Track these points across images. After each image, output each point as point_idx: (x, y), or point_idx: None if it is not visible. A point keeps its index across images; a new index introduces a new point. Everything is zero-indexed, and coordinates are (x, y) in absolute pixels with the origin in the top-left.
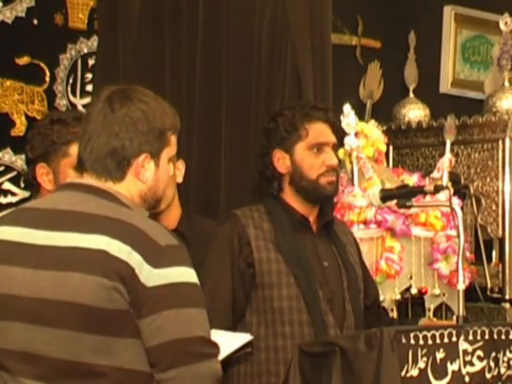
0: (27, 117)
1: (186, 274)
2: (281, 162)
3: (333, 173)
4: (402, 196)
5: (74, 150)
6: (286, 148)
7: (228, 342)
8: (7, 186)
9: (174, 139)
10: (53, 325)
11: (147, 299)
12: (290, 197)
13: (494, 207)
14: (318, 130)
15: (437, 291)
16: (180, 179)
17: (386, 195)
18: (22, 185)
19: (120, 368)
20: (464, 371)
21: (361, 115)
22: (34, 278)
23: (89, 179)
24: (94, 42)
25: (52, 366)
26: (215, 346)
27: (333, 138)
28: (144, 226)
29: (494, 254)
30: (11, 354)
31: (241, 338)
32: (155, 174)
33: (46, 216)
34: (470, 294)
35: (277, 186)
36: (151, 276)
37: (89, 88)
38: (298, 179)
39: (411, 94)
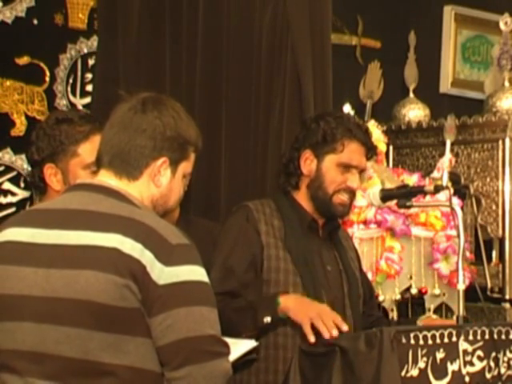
0: (27, 117)
1: (196, 273)
2: (307, 163)
3: (349, 194)
4: (402, 196)
5: (83, 149)
6: (317, 153)
7: (233, 348)
8: (7, 185)
9: (193, 157)
10: (64, 323)
11: (158, 297)
12: (303, 199)
13: (494, 207)
14: (354, 151)
15: (437, 291)
16: None
17: (385, 195)
18: (22, 185)
19: (130, 367)
20: (464, 371)
21: (361, 115)
22: (46, 277)
23: (102, 177)
24: (93, 42)
25: (62, 364)
26: (226, 346)
27: (363, 164)
28: (156, 224)
29: (494, 253)
30: (20, 354)
31: (246, 345)
32: (170, 182)
33: (57, 216)
34: (470, 294)
35: (294, 183)
36: (163, 274)
37: (89, 88)
38: (316, 187)
39: (411, 94)
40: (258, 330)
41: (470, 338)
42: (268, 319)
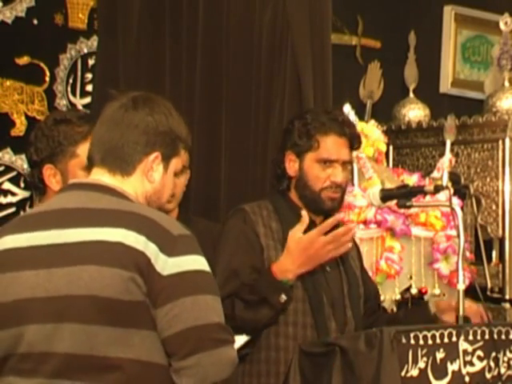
0: (27, 117)
1: (199, 263)
2: (291, 164)
3: (336, 189)
4: (402, 196)
5: (82, 150)
6: (297, 153)
7: None
8: (7, 185)
9: (183, 154)
10: (68, 320)
11: (163, 288)
12: (296, 198)
13: (494, 207)
14: (331, 145)
15: (437, 291)
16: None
17: (385, 195)
18: (22, 185)
19: (136, 360)
20: (464, 371)
21: (361, 115)
22: (48, 277)
23: (95, 175)
24: (93, 42)
25: (68, 361)
26: (231, 333)
27: (344, 156)
28: (156, 216)
29: (494, 253)
30: (27, 356)
31: (238, 341)
32: (162, 178)
33: (54, 216)
34: (470, 294)
35: (285, 186)
36: (166, 265)
37: (89, 88)
38: (302, 187)
39: (411, 94)
40: (279, 313)
41: (470, 338)
42: (283, 297)
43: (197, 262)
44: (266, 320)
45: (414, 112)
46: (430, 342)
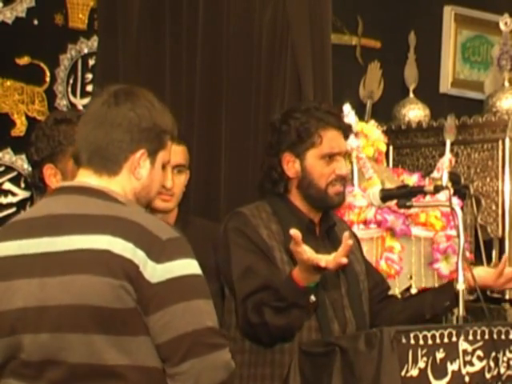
0: (27, 117)
1: (189, 266)
2: (290, 165)
3: (341, 182)
4: (402, 196)
5: None
6: (296, 153)
7: None
8: (7, 186)
9: (170, 145)
10: (63, 330)
11: (153, 296)
12: (297, 199)
13: (493, 207)
14: (332, 139)
15: None
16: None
17: (385, 195)
18: (23, 185)
19: (135, 366)
20: (464, 371)
21: (361, 115)
22: (41, 286)
23: (81, 178)
24: (94, 42)
25: (67, 370)
26: (225, 337)
27: (345, 147)
28: (144, 221)
29: (494, 253)
30: (27, 363)
31: None
32: (150, 173)
33: (43, 223)
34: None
35: (283, 187)
36: (155, 272)
37: (89, 88)
38: (307, 186)
39: (411, 94)
40: (309, 314)
41: (470, 338)
42: (312, 298)
43: (187, 266)
44: (298, 323)
45: (414, 112)
46: (429, 341)
